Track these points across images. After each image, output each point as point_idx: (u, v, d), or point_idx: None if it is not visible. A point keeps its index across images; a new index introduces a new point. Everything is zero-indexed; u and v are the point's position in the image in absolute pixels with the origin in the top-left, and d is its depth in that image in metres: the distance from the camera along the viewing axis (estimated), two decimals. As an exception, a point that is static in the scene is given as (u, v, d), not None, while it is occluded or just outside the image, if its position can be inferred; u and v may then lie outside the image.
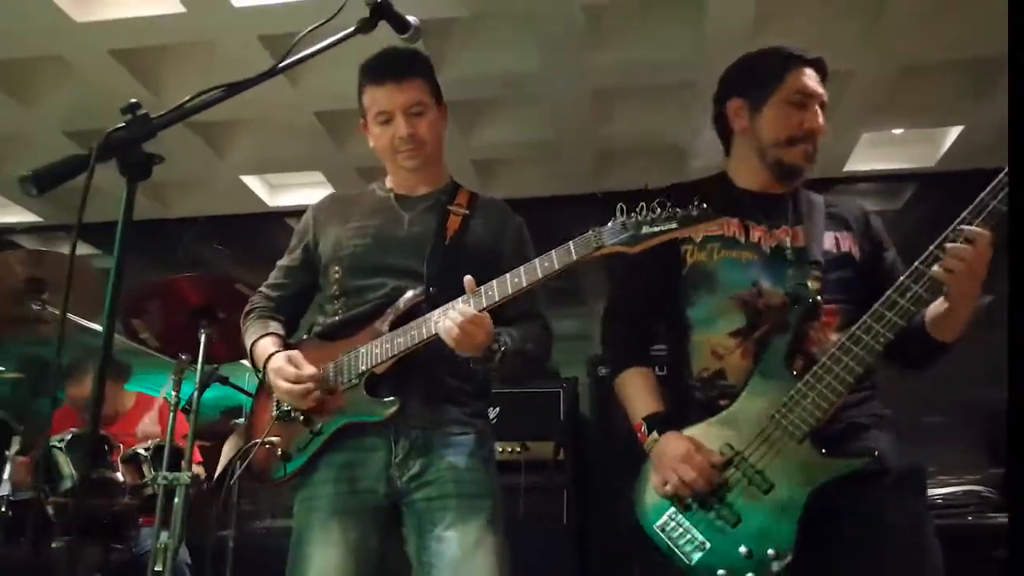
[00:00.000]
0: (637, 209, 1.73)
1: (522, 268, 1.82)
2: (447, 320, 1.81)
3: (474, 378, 2.07)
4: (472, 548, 1.90)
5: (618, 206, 1.74)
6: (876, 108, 4.32)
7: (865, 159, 4.90)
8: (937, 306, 1.79)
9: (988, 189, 1.68)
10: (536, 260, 1.81)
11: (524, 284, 1.81)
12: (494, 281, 1.84)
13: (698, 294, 2.00)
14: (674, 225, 1.70)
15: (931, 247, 1.72)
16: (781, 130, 1.99)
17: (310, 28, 1.54)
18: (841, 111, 4.23)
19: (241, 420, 3.62)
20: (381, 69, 2.07)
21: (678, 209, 1.70)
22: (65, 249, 4.35)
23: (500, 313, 1.90)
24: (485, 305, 1.82)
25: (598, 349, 4.30)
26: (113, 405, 3.94)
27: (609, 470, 3.76)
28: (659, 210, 1.71)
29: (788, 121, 1.98)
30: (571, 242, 1.77)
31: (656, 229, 1.71)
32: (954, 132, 4.62)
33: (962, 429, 4.15)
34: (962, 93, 4.24)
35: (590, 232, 1.76)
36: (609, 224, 1.74)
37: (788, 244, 1.98)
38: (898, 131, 4.83)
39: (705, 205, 1.69)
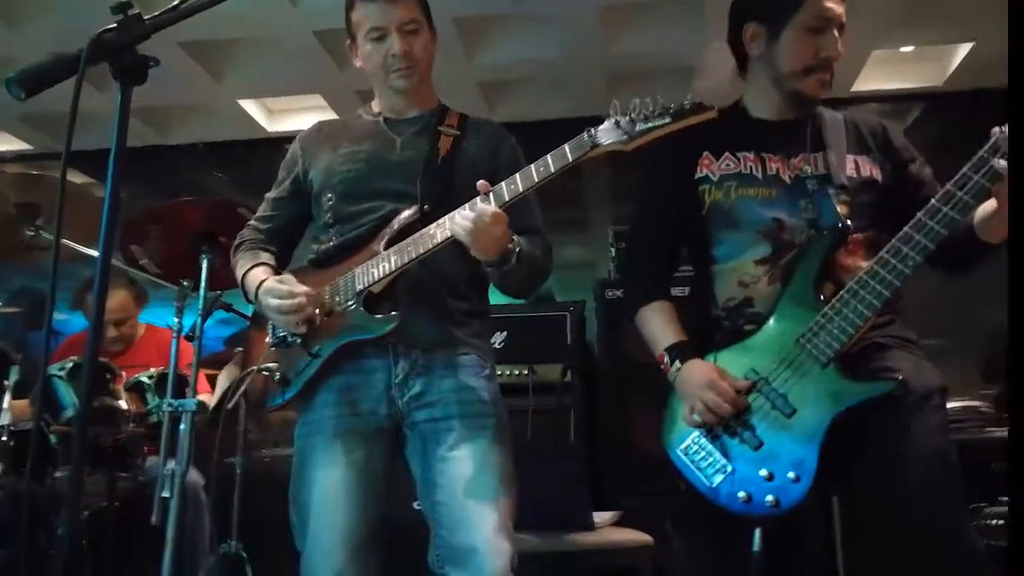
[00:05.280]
0: (631, 107, 1.70)
1: (517, 174, 1.79)
2: (461, 219, 1.77)
3: (473, 298, 2.06)
4: (478, 466, 1.90)
5: (612, 104, 1.71)
6: (886, 24, 4.17)
7: (873, 79, 4.77)
8: (987, 207, 1.74)
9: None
10: (532, 165, 1.78)
11: (521, 189, 1.78)
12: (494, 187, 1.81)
13: (720, 234, 1.98)
14: (668, 119, 1.68)
15: (974, 158, 1.67)
16: (798, 60, 1.93)
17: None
18: (850, 28, 4.09)
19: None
20: None
21: (671, 104, 1.67)
22: (58, 175, 4.25)
23: None
24: (495, 205, 1.78)
25: (604, 274, 4.31)
26: (129, 331, 3.89)
27: (616, 392, 3.80)
28: (652, 106, 1.68)
29: (805, 49, 1.92)
30: (566, 144, 1.75)
31: (650, 125, 1.69)
32: (963, 50, 4.50)
33: (957, 349, 4.20)
34: (974, 6, 4.08)
35: (584, 133, 1.73)
36: (604, 124, 1.72)
37: (809, 172, 1.95)
38: (907, 49, 4.69)
39: (700, 102, 1.67)
